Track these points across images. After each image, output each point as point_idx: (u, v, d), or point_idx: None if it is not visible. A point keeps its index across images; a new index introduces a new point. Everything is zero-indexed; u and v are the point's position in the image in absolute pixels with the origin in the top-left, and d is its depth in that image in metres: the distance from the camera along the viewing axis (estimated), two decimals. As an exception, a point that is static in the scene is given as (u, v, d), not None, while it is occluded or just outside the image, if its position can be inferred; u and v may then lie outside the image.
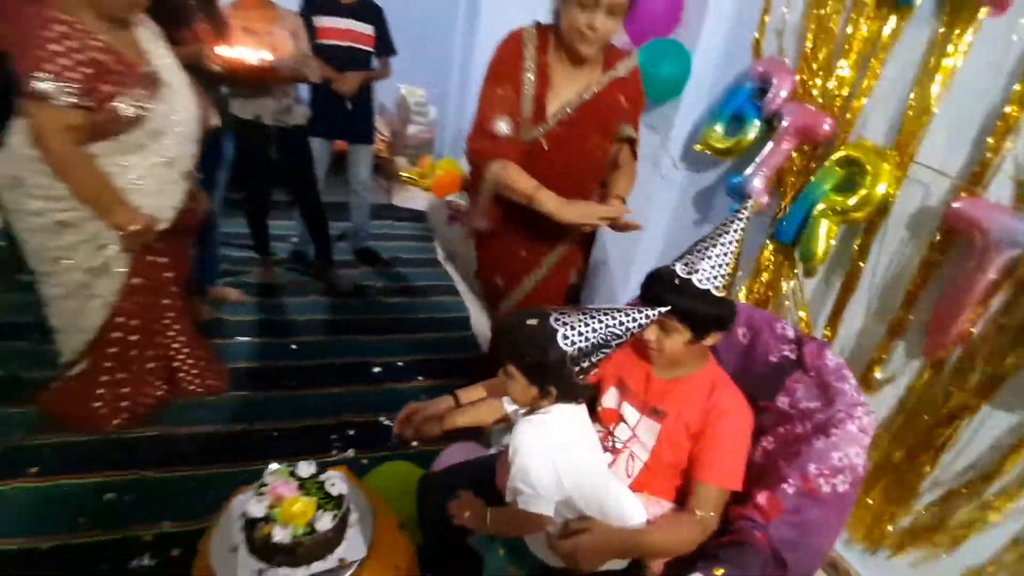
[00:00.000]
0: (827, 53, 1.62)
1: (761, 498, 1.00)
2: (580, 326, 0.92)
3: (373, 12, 2.57)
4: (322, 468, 1.05)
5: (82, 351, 1.58)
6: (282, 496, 0.94)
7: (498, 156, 1.37)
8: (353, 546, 1.00)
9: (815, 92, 1.65)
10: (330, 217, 2.69)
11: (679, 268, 1.06)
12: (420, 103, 4.38)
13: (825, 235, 1.55)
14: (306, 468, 1.02)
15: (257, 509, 0.93)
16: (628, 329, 0.93)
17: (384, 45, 2.63)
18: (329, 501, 0.99)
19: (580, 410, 1.03)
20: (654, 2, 1.94)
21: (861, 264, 1.55)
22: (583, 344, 0.92)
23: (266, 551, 0.92)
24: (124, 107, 1.29)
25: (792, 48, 1.73)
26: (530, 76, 1.37)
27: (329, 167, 2.79)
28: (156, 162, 1.40)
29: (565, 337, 0.91)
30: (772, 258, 1.78)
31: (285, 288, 2.71)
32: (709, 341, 1.09)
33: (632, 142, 1.53)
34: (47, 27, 1.18)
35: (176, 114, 1.41)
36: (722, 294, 1.05)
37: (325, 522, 0.94)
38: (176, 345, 1.81)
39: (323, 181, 2.76)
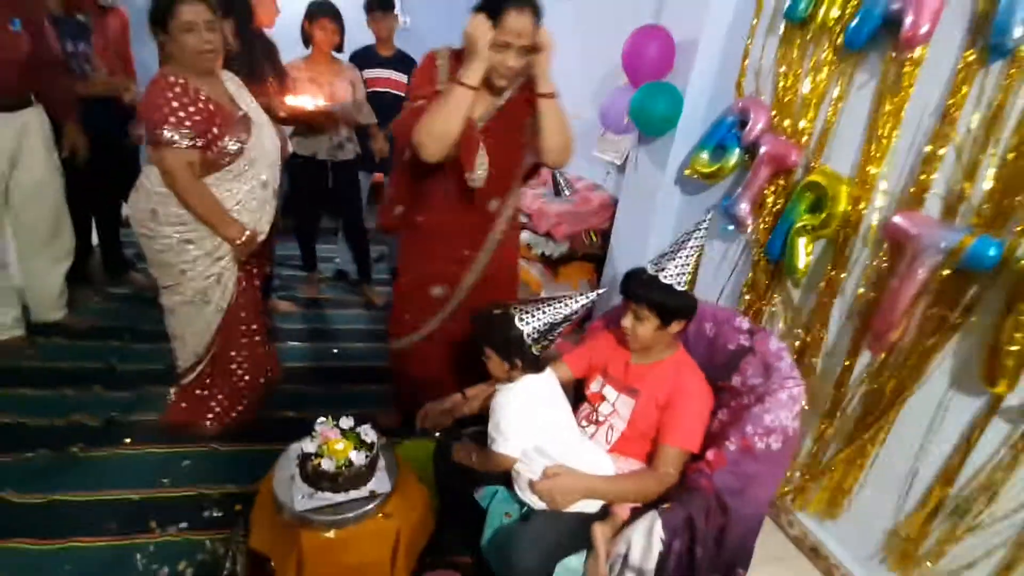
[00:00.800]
0: (795, 93, 1.86)
1: (709, 454, 1.21)
2: (533, 310, 1.22)
3: (409, 63, 2.96)
4: (359, 423, 1.33)
5: (199, 354, 1.83)
6: (328, 438, 1.22)
7: None
8: (381, 482, 1.27)
9: (787, 126, 1.89)
10: (369, 241, 3.05)
11: (649, 267, 1.31)
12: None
13: (804, 250, 1.76)
14: (346, 421, 1.30)
15: (310, 447, 1.22)
16: (574, 311, 1.23)
17: None
18: (363, 445, 1.26)
19: (548, 380, 1.29)
20: (650, 51, 2.24)
21: (836, 274, 1.74)
22: (537, 324, 1.20)
23: (315, 478, 1.20)
24: (228, 144, 1.61)
25: (768, 88, 1.98)
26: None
27: (368, 196, 3.16)
28: (254, 185, 1.70)
29: (520, 319, 1.21)
30: (764, 273, 1.98)
31: (329, 302, 3.07)
32: (675, 328, 1.32)
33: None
34: (167, 90, 1.51)
35: (264, 145, 1.72)
36: (684, 288, 1.29)
37: (360, 458, 1.21)
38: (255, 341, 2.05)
39: (363, 209, 3.14)
